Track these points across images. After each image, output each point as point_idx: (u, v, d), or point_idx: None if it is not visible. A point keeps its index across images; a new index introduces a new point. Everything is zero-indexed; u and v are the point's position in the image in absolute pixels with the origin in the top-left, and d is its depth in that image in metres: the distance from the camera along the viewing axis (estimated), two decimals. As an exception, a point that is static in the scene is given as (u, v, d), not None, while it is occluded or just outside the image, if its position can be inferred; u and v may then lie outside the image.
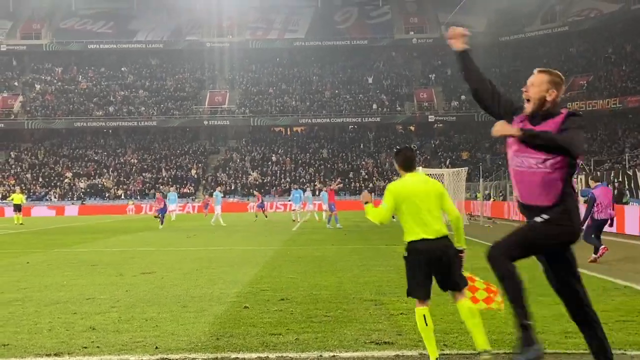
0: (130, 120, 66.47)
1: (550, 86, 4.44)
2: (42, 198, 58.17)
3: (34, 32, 74.66)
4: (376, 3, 79.12)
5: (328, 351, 6.00)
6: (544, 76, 4.50)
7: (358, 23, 76.86)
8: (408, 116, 67.15)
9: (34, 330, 7.03)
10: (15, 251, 17.74)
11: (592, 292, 9.02)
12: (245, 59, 73.50)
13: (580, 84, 61.29)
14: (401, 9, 77.83)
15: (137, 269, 12.80)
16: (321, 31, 74.36)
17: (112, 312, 8.06)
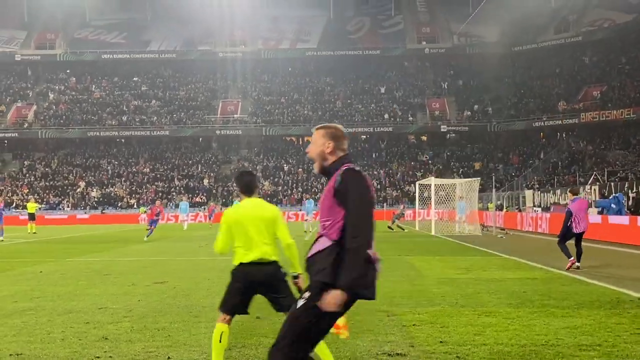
0: (142, 129, 66.78)
1: (326, 140, 4.11)
2: (55, 207, 58.45)
3: (48, 42, 75.30)
4: (388, 13, 79.27)
5: (340, 362, 5.97)
6: (319, 132, 4.19)
7: (370, 33, 76.98)
8: (420, 126, 67.07)
9: (47, 339, 7.05)
10: (28, 260, 17.82)
11: (606, 304, 8.97)
12: (257, 68, 73.75)
13: (593, 95, 61.02)
14: (413, 19, 77.91)
15: (149, 278, 12.82)
16: (333, 41, 74.51)
17: (124, 321, 8.07)
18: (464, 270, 13.75)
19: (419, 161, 64.89)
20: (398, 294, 10.19)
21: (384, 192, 59.01)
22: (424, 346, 6.55)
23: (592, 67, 65.54)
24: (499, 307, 8.87)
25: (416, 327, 7.48)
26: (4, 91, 72.26)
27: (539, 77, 68.48)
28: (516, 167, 61.13)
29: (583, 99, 61.39)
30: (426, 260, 16.20)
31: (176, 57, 74.38)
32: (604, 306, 8.87)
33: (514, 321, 7.77)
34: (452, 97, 70.33)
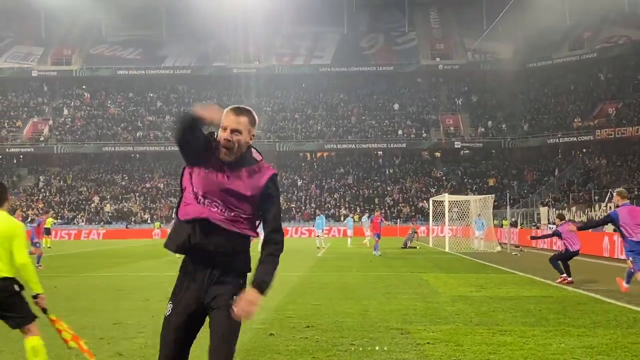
0: (157, 145, 67.16)
1: (251, 128, 3.88)
2: (69, 222, 58.79)
3: (64, 58, 76.11)
4: (402, 29, 79.50)
5: (354, 381, 5.94)
6: (247, 117, 3.94)
7: (384, 49, 77.22)
8: (434, 142, 67.00)
9: (61, 355, 7.07)
10: (43, 275, 17.84)
11: (623, 323, 8.88)
12: (271, 84, 74.08)
13: (608, 111, 60.77)
14: (427, 35, 78.11)
15: (163, 294, 12.82)
16: (347, 57, 74.79)
17: (138, 337, 8.08)
18: (478, 288, 13.67)
19: (433, 177, 64.75)
20: (412, 311, 10.14)
21: (397, 208, 58.88)
22: (439, 365, 6.50)
23: (607, 84, 65.32)
24: (514, 325, 8.80)
25: (430, 346, 7.43)
26: (20, 106, 72.98)
27: (553, 93, 68.33)
28: (531, 184, 60.86)
29: (598, 115, 61.14)
30: (440, 278, 16.12)
31: (191, 73, 74.88)
32: (621, 325, 8.78)
33: (529, 340, 7.70)
34: (466, 113, 70.26)
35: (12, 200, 48.05)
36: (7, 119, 71.00)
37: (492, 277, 16.26)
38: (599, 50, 66.28)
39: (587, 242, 25.92)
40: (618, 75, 64.98)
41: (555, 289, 13.42)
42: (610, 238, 23.87)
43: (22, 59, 75.50)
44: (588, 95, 65.29)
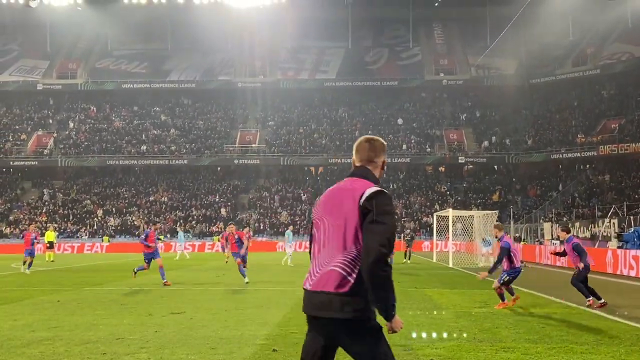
0: (161, 158, 67.29)
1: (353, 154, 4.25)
2: (73, 235, 58.84)
3: (69, 72, 76.45)
4: (406, 45, 79.80)
5: (357, 398, 5.92)
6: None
7: (388, 64, 77.47)
8: (438, 157, 67.00)
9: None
10: (46, 289, 17.91)
11: (626, 340, 8.85)
12: (276, 98, 74.26)
13: (611, 127, 60.77)
14: (431, 51, 78.38)
15: (166, 308, 12.83)
16: (352, 72, 75.02)
17: (141, 352, 8.08)
18: (482, 304, 13.65)
19: (437, 192, 64.72)
20: (415, 327, 10.13)
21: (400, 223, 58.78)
22: (442, 382, 6.49)
23: (610, 100, 65.38)
24: (518, 342, 8.78)
25: (433, 362, 7.42)
26: (25, 120, 73.25)
27: (557, 109, 68.40)
28: (534, 199, 60.79)
29: (601, 131, 61.13)
30: (443, 293, 16.09)
31: (196, 87, 75.11)
32: (624, 343, 8.76)
33: (533, 357, 7.68)
34: (470, 128, 70.33)
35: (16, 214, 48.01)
36: (12, 132, 71.25)
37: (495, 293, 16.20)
38: (602, 67, 66.41)
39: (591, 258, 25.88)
40: (621, 91, 65.06)
41: (558, 306, 13.38)
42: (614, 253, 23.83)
43: (27, 73, 75.86)
44: (591, 111, 65.33)
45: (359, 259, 3.69)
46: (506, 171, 66.71)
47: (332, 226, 3.83)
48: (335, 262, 3.73)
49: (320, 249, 3.87)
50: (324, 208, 3.95)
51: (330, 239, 3.82)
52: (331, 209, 3.88)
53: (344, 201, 3.84)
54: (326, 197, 4.01)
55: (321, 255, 3.84)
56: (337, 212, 3.83)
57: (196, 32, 73.38)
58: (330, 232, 3.83)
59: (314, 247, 3.94)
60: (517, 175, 65.71)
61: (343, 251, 3.73)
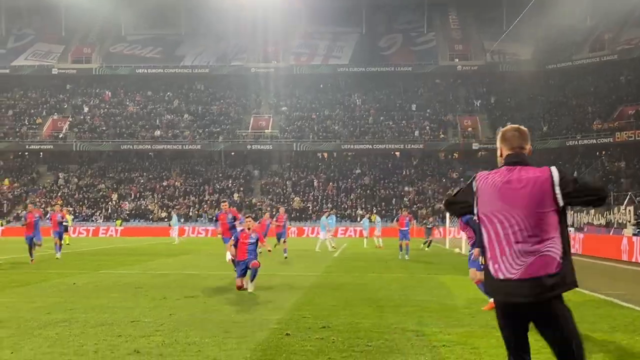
0: (175, 143, 67.50)
1: (498, 144, 4.45)
2: (88, 219, 59.27)
3: (84, 57, 76.71)
4: (421, 30, 79.31)
5: (370, 382, 5.96)
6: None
7: (402, 49, 77.07)
8: (451, 143, 66.75)
9: (80, 352, 7.14)
10: (62, 272, 18.07)
11: (640, 328, 8.81)
12: (289, 84, 74.15)
13: (629, 114, 60.23)
14: (446, 36, 77.87)
15: (180, 292, 12.91)
16: (365, 57, 74.73)
17: (156, 335, 8.14)
18: (495, 291, 13.59)
19: (450, 179, 64.54)
20: (427, 313, 10.14)
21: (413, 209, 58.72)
22: (454, 367, 6.50)
23: (628, 86, 64.72)
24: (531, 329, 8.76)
25: (446, 348, 7.43)
26: (40, 104, 73.65)
27: (573, 95, 67.85)
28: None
29: (618, 118, 60.62)
30: (457, 280, 16.08)
31: (209, 72, 75.13)
32: (639, 330, 8.73)
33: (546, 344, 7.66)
34: (484, 114, 69.98)
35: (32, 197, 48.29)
36: (28, 116, 71.70)
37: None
38: (619, 52, 65.69)
39: (606, 245, 25.78)
40: (639, 77, 64.37)
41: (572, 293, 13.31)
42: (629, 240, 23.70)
43: (42, 57, 76.17)
44: (608, 97, 64.73)
45: (562, 238, 3.97)
46: (521, 158, 66.35)
47: (526, 216, 3.97)
48: (544, 247, 3.93)
49: (512, 240, 3.99)
50: (502, 201, 4.04)
51: (528, 228, 3.97)
52: (517, 200, 4.00)
53: (531, 190, 4.00)
54: (498, 190, 4.08)
55: (518, 246, 3.97)
56: (527, 201, 3.98)
57: (210, 17, 73.28)
58: (525, 222, 3.97)
59: (498, 240, 4.04)
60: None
61: (547, 235, 3.94)
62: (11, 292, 13.06)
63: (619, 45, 66.63)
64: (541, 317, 4.04)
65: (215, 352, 7.17)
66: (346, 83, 75.27)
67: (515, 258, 3.96)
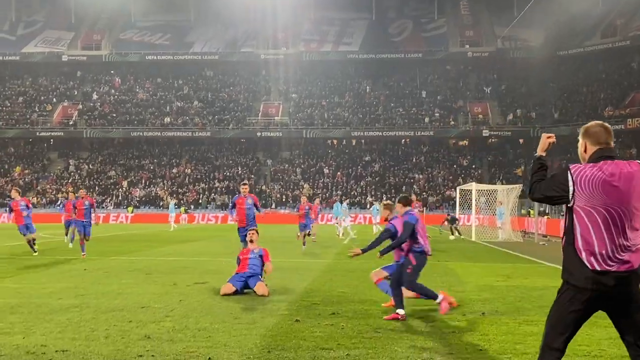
0: (184, 130, 67.56)
1: (582, 139, 4.48)
2: (98, 206, 59.50)
3: (94, 43, 76.74)
4: (431, 16, 78.86)
5: (379, 368, 5.98)
6: (580, 132, 4.57)
7: (413, 36, 76.67)
8: (462, 130, 66.49)
9: (91, 337, 7.19)
10: (72, 258, 18.17)
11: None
12: (299, 70, 73.98)
13: (640, 100, 59.87)
14: (457, 22, 77.39)
15: (190, 278, 12.97)
16: (375, 44, 74.37)
17: (166, 321, 8.19)
18: (505, 278, 13.62)
19: (460, 166, 64.38)
20: (437, 300, 10.14)
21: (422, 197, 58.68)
22: (463, 354, 6.51)
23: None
24: (541, 316, 8.75)
25: (455, 335, 7.44)
26: (50, 91, 73.84)
27: (584, 82, 67.40)
28: (559, 173, 60.18)
29: (630, 104, 60.19)
30: (466, 267, 16.08)
31: (219, 59, 75.03)
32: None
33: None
34: (495, 101, 69.64)
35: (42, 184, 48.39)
36: (38, 103, 71.92)
37: (518, 267, 16.19)
38: (632, 38, 65.08)
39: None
40: (651, 63, 63.91)
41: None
42: None
43: (52, 44, 76.24)
44: (620, 84, 64.27)
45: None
46: (531, 144, 66.07)
47: (628, 210, 4.09)
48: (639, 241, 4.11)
49: (613, 233, 4.09)
50: (606, 195, 4.11)
51: (629, 223, 4.11)
52: (621, 194, 4.10)
53: (634, 185, 4.12)
54: (601, 184, 4.14)
55: (619, 240, 4.09)
56: (630, 196, 4.11)
57: (219, 3, 73.09)
58: (627, 216, 4.09)
59: (598, 233, 4.12)
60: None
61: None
62: (22, 277, 13.16)
63: (631, 31, 66.02)
64: (625, 306, 4.15)
65: (225, 338, 7.21)
66: (356, 69, 75.02)
67: (614, 251, 4.07)
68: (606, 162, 4.23)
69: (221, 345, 6.83)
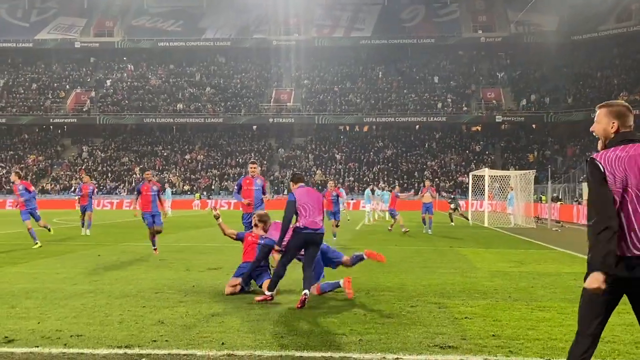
0: (197, 117, 67.66)
1: (612, 118, 4.28)
2: (112, 192, 59.80)
3: (106, 30, 76.88)
4: (444, 1, 78.37)
5: (391, 353, 5.99)
6: (603, 110, 4.35)
7: (425, 21, 76.23)
8: (474, 116, 66.21)
9: (105, 322, 7.25)
10: (86, 244, 18.30)
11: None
12: (311, 56, 73.81)
13: (655, 85, 59.33)
14: (469, 7, 76.83)
15: (203, 264, 13.03)
16: (387, 29, 74.03)
17: (179, 306, 8.24)
18: (517, 264, 13.59)
19: (473, 151, 64.15)
20: (450, 286, 10.15)
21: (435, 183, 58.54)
22: (476, 339, 6.51)
23: (655, 57, 63.66)
24: (554, 301, 8.75)
25: (468, 320, 7.43)
26: (64, 78, 74.09)
27: (598, 67, 66.85)
28: (573, 158, 59.90)
29: (645, 89, 59.71)
30: (479, 253, 16.06)
31: (231, 45, 74.98)
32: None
33: (569, 316, 7.65)
34: (508, 87, 69.24)
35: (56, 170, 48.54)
36: (51, 89, 72.21)
37: (531, 253, 16.15)
38: (647, 22, 64.55)
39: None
40: (666, 48, 63.25)
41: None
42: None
43: (65, 31, 76.44)
44: (635, 69, 63.66)
45: None
46: (545, 130, 65.70)
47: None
48: None
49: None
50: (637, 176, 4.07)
51: None
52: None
53: None
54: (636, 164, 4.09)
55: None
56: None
57: (231, -11, 72.98)
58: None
59: (628, 215, 4.04)
60: (556, 134, 64.70)
61: None
62: (37, 263, 13.26)
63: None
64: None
65: (238, 323, 7.24)
66: (368, 55, 74.75)
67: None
68: (633, 145, 4.16)
69: (234, 330, 6.87)
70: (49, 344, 6.29)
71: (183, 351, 6.04)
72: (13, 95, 71.00)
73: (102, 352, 5.98)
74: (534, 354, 6.02)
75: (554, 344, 6.34)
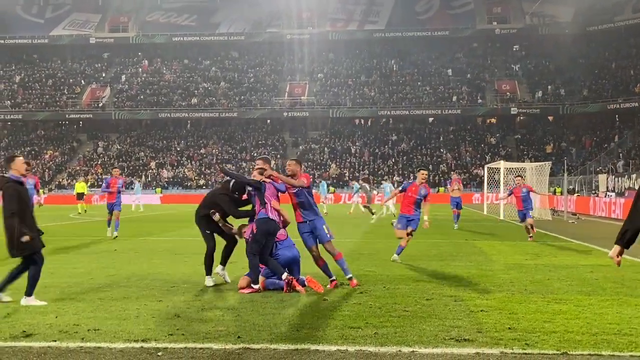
0: (212, 111, 67.81)
1: None
2: (127, 187, 60.02)
3: (121, 25, 77.20)
4: (458, -7, 77.93)
5: (407, 346, 5.98)
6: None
7: (439, 13, 75.85)
8: (489, 108, 65.88)
9: (122, 316, 7.30)
10: (103, 238, 18.42)
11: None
12: (325, 50, 73.71)
13: (672, 76, 58.75)
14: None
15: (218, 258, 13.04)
16: (401, 22, 73.76)
17: (195, 300, 8.28)
18: (533, 256, 13.54)
19: (488, 144, 63.85)
20: (465, 279, 10.12)
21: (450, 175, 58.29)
22: (492, 332, 6.49)
23: (672, 48, 63.02)
24: (570, 294, 8.70)
25: (484, 313, 7.41)
26: (79, 73, 74.49)
27: (614, 58, 66.27)
28: (589, 150, 59.49)
29: (661, 80, 59.16)
30: (494, 245, 16.00)
31: (244, 39, 75.04)
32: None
33: (585, 309, 7.61)
34: (523, 78, 68.82)
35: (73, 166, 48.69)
36: (67, 85, 72.63)
37: (547, 246, 16.07)
38: (664, 13, 63.90)
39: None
40: (684, 38, 62.60)
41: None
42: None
43: (80, 26, 76.83)
44: (651, 60, 63.13)
45: None
46: (560, 122, 65.27)
47: None
48: None
49: None
50: None
51: None
52: None
53: None
54: None
55: None
56: None
57: (245, -17, 72.94)
58: None
59: None
60: (572, 126, 64.26)
61: None
62: (53, 258, 13.36)
63: (664, 5, 64.78)
64: None
65: (254, 317, 7.27)
66: (382, 48, 74.54)
67: None
68: None
69: (250, 324, 6.89)
70: (66, 338, 6.34)
71: (199, 345, 6.07)
72: (29, 92, 71.51)
73: (119, 346, 6.03)
74: (550, 346, 5.99)
75: (571, 337, 6.31)
